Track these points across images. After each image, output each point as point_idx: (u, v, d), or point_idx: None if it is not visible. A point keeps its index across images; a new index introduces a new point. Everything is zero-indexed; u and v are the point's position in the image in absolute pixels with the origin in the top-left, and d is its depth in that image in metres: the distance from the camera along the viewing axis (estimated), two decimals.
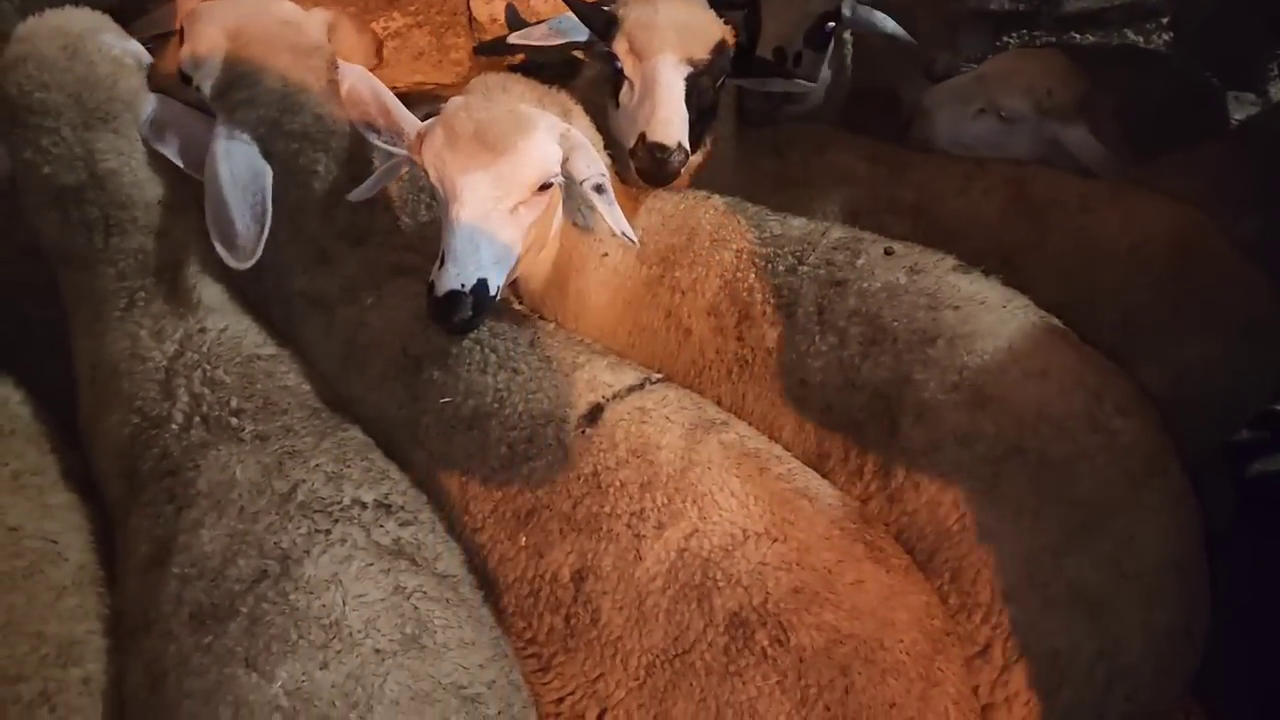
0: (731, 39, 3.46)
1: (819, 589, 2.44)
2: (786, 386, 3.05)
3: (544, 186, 2.76)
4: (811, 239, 3.20)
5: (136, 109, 2.91)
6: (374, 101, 3.07)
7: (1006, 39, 6.62)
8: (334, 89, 3.03)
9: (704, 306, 3.18)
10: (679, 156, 3.17)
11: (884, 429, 2.89)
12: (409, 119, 3.04)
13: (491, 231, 2.66)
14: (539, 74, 3.17)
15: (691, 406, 2.84)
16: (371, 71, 3.26)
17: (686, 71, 3.31)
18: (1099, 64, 4.48)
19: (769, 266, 3.16)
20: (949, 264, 3.09)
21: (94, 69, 2.84)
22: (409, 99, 3.27)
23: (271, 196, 2.83)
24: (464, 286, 2.57)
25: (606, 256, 3.22)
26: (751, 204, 3.40)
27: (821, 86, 4.18)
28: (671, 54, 3.30)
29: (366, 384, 2.96)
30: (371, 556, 2.41)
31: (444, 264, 2.60)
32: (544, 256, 3.09)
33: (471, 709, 2.24)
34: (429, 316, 2.66)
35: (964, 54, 5.50)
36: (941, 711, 2.43)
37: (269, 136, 2.90)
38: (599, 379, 2.84)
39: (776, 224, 3.29)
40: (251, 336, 2.98)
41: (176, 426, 2.74)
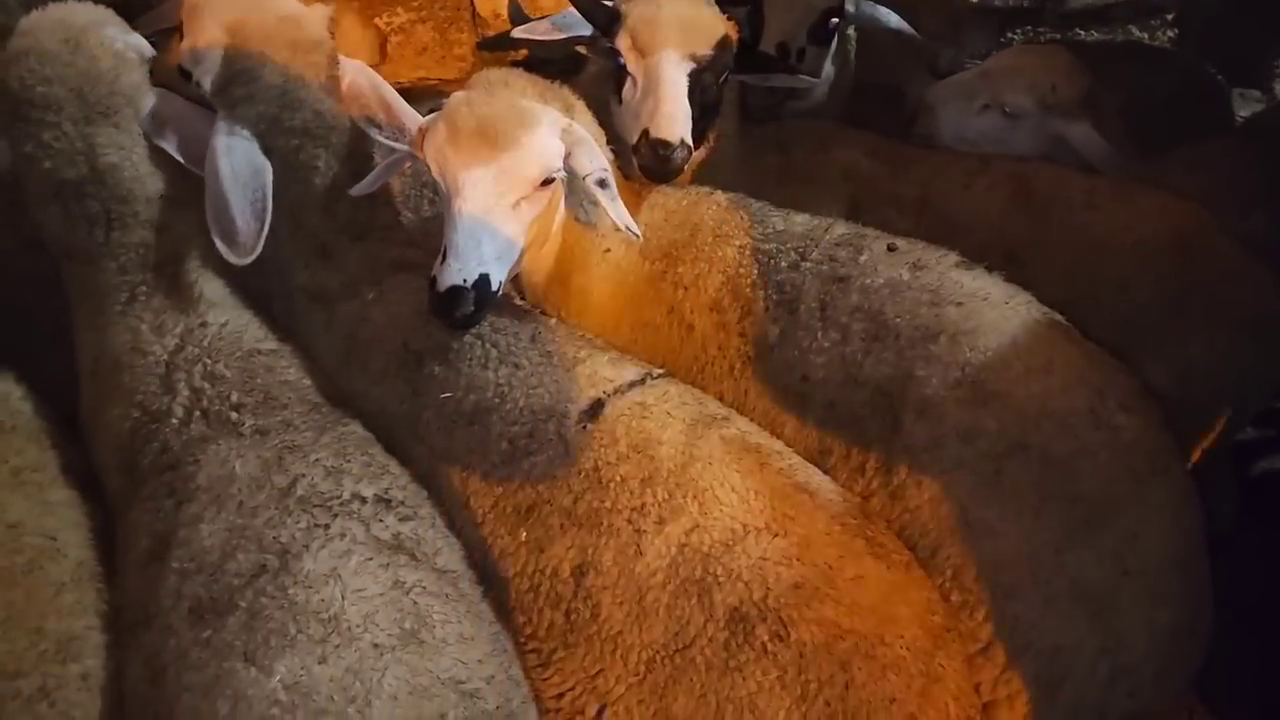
0: (734, 34, 3.46)
1: (819, 584, 2.44)
2: (788, 383, 3.04)
3: (546, 182, 2.76)
4: (814, 235, 3.20)
5: (138, 104, 2.91)
6: (374, 97, 3.06)
7: (1011, 35, 6.63)
8: (334, 84, 3.03)
9: (706, 302, 3.18)
10: (682, 153, 3.17)
11: (886, 425, 2.88)
12: (410, 114, 3.03)
13: (494, 227, 2.67)
14: (542, 69, 3.17)
15: (692, 402, 2.83)
16: (375, 67, 3.25)
17: (689, 67, 3.31)
18: (1103, 60, 4.48)
19: (772, 262, 3.15)
20: (952, 260, 3.09)
21: (96, 63, 2.83)
22: (412, 94, 3.27)
23: (272, 192, 2.84)
24: (466, 282, 2.58)
25: (609, 252, 3.21)
26: (754, 200, 3.40)
27: (825, 82, 4.19)
28: (674, 50, 3.29)
29: (368, 379, 2.96)
30: (371, 551, 2.42)
31: (446, 259, 2.61)
32: (546, 252, 3.09)
33: (470, 704, 2.24)
34: (431, 311, 2.66)
35: (968, 50, 5.49)
36: (942, 707, 2.42)
37: (269, 133, 2.90)
38: (600, 374, 2.83)
39: (779, 220, 3.29)
40: (252, 331, 2.97)
41: (177, 421, 2.74)
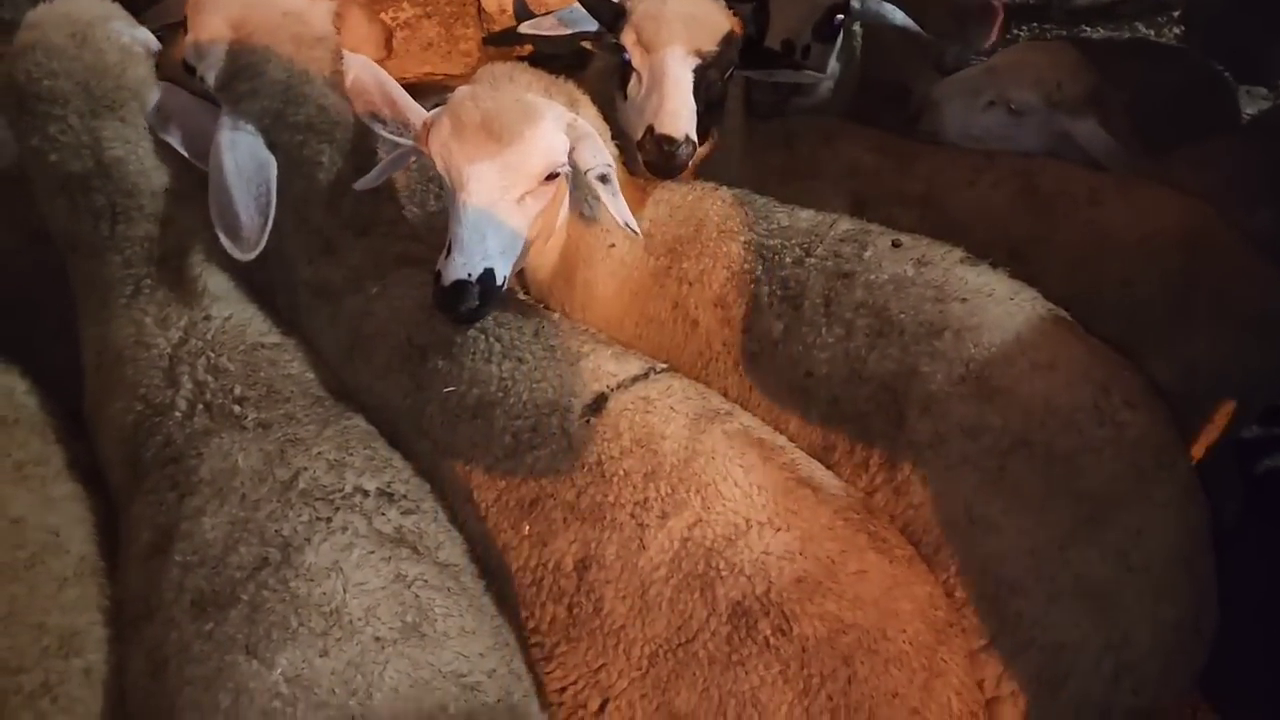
0: (739, 30, 3.46)
1: (822, 579, 2.44)
2: (793, 378, 3.04)
3: (551, 176, 2.76)
4: (819, 231, 3.19)
5: (144, 97, 2.91)
6: (378, 92, 3.05)
7: (1017, 32, 6.61)
8: (338, 79, 3.02)
9: (711, 298, 3.18)
10: (686, 149, 3.18)
11: (890, 421, 2.88)
12: (414, 109, 3.03)
13: (498, 221, 2.67)
14: (547, 65, 3.17)
15: (696, 396, 2.83)
16: (381, 62, 3.25)
17: (694, 64, 3.31)
18: (1109, 57, 4.48)
19: (776, 258, 3.15)
20: (957, 256, 3.08)
21: (102, 57, 2.84)
22: (417, 90, 3.26)
23: (276, 187, 2.83)
24: (470, 276, 2.58)
25: (613, 247, 3.21)
26: (759, 196, 3.40)
27: (830, 79, 4.18)
28: (679, 46, 3.29)
29: (371, 373, 2.96)
30: (373, 544, 2.42)
31: (450, 253, 2.62)
32: (551, 247, 3.10)
33: (471, 697, 2.24)
34: (436, 306, 2.67)
35: (974, 46, 5.48)
36: (944, 702, 2.42)
37: (273, 128, 2.90)
38: (603, 368, 2.83)
39: (784, 216, 3.28)
40: (256, 325, 2.98)
41: (180, 414, 2.75)
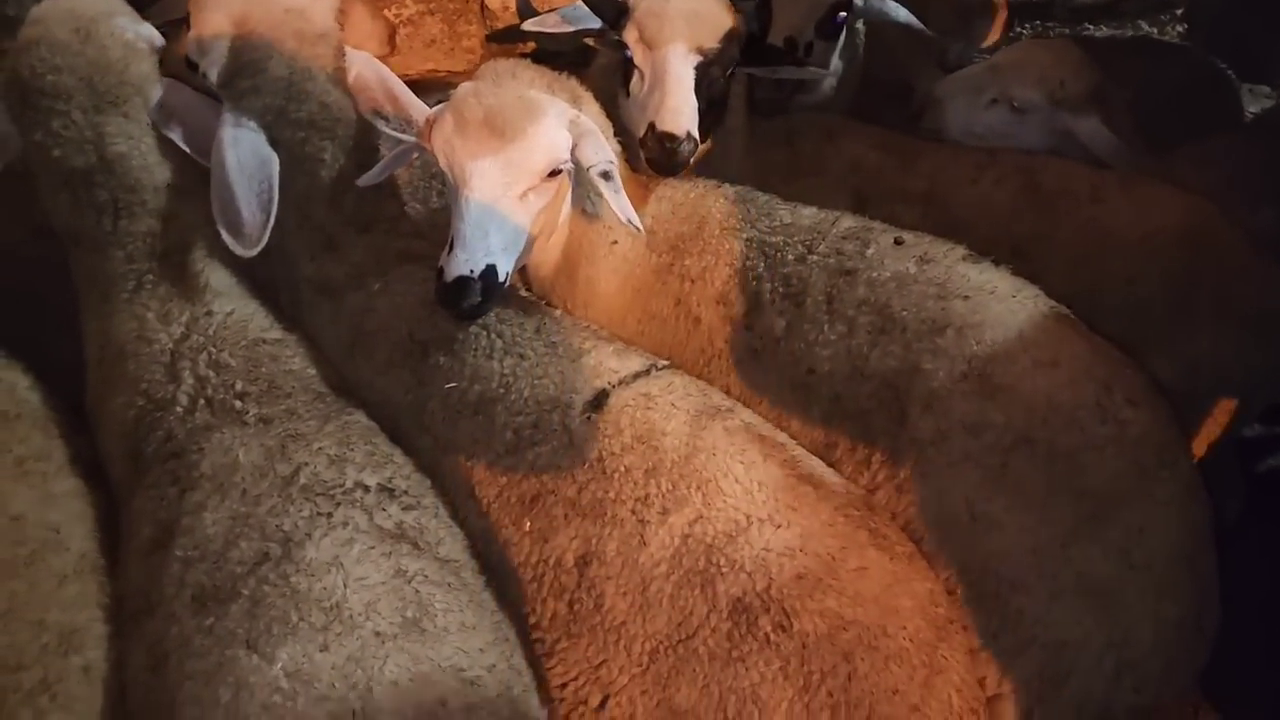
0: (742, 27, 3.45)
1: (822, 575, 2.44)
2: (795, 376, 3.04)
3: (553, 173, 2.76)
4: (821, 228, 3.19)
5: (147, 93, 2.91)
6: (381, 88, 3.05)
7: (1020, 29, 6.59)
8: (341, 76, 3.02)
9: (713, 295, 3.18)
10: (688, 146, 3.17)
11: (892, 418, 2.88)
12: (416, 105, 3.03)
13: (501, 217, 2.67)
14: (550, 62, 3.16)
15: (697, 393, 2.83)
16: (384, 59, 3.25)
17: (696, 61, 3.30)
18: (1112, 55, 4.48)
19: (778, 255, 3.15)
20: (959, 253, 3.08)
21: (106, 53, 2.84)
22: (420, 86, 3.27)
23: (278, 184, 2.83)
24: (473, 272, 2.59)
25: (616, 244, 3.22)
26: (762, 193, 3.39)
27: (833, 76, 4.18)
28: (681, 44, 3.29)
29: (373, 369, 2.96)
30: (373, 540, 2.42)
31: (453, 249, 2.62)
32: (553, 243, 3.10)
33: (471, 691, 2.24)
34: (438, 302, 2.67)
35: (977, 44, 5.48)
36: (944, 699, 2.42)
37: (275, 124, 2.89)
38: (605, 365, 2.83)
39: (786, 213, 3.28)
40: (257, 320, 2.98)
41: (181, 409, 2.75)
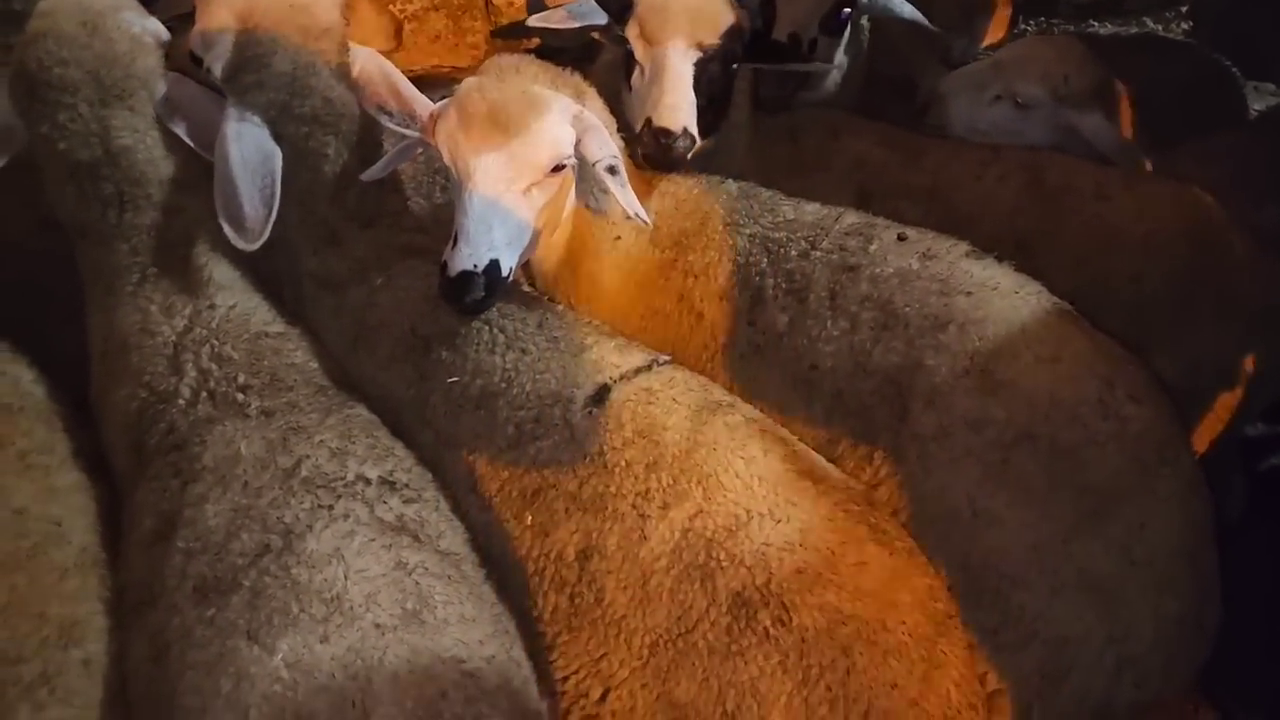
0: (745, 23, 3.45)
1: (822, 570, 2.43)
2: (797, 371, 3.04)
3: (557, 168, 2.76)
4: (825, 224, 3.20)
5: (153, 87, 2.92)
6: (384, 84, 3.05)
7: (1025, 26, 6.58)
8: (345, 71, 3.02)
9: (716, 290, 3.18)
10: (684, 142, 3.17)
11: (894, 414, 2.88)
12: (420, 100, 3.03)
13: (504, 212, 2.67)
14: (555, 58, 3.16)
15: (698, 388, 2.83)
16: (390, 54, 3.25)
17: (696, 57, 3.30)
18: (1117, 52, 4.47)
19: (782, 251, 3.15)
20: (962, 250, 3.08)
21: (113, 46, 2.85)
22: (425, 82, 3.27)
23: (281, 179, 2.84)
24: (476, 267, 2.59)
25: (619, 240, 3.22)
26: (765, 189, 3.40)
27: (838, 72, 4.17)
28: (681, 39, 3.29)
29: (376, 364, 2.97)
30: (374, 532, 2.43)
31: (457, 244, 2.62)
32: (556, 239, 3.10)
33: (470, 683, 2.24)
34: (441, 296, 2.67)
35: (978, 40, 5.47)
36: (943, 693, 2.41)
37: (279, 119, 2.90)
38: (606, 360, 2.83)
39: (790, 209, 3.29)
40: (260, 314, 2.99)
41: (183, 401, 2.76)
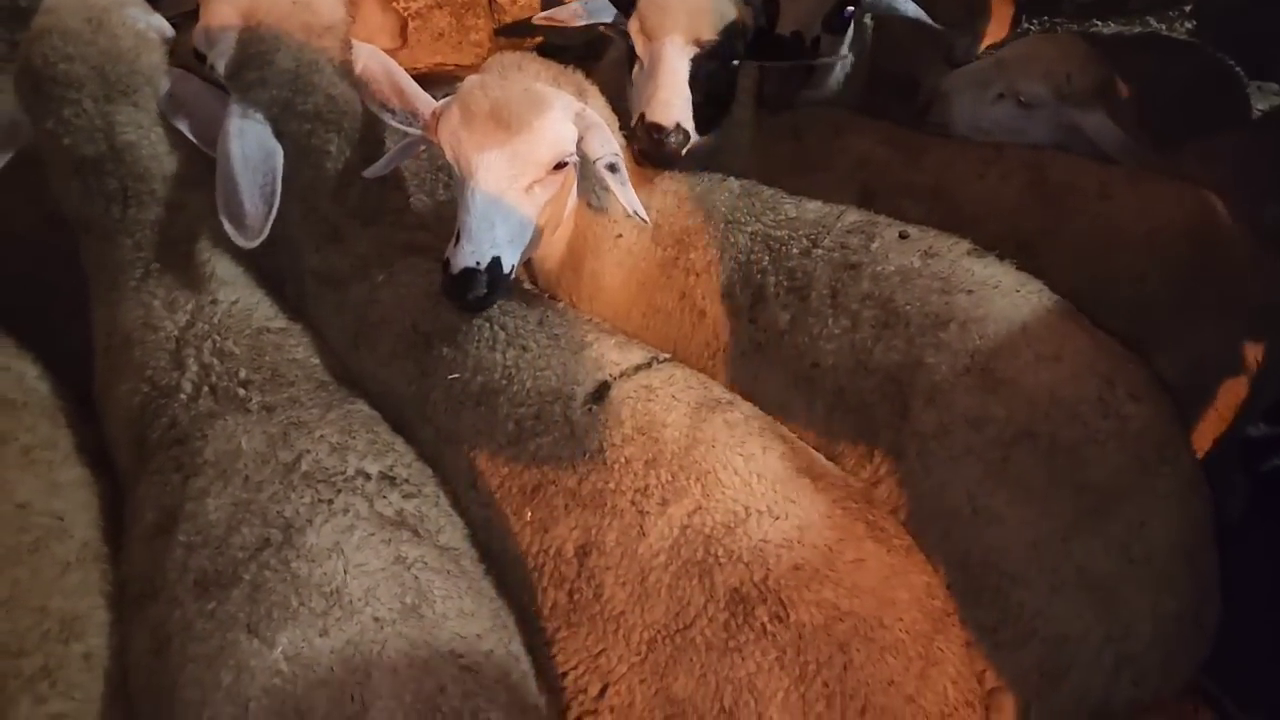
0: (748, 20, 3.45)
1: (819, 566, 2.44)
2: (798, 369, 3.04)
3: (559, 166, 2.78)
4: (826, 222, 3.20)
5: (157, 83, 2.93)
6: (387, 81, 3.05)
7: (1028, 25, 6.56)
8: (348, 69, 3.03)
9: (718, 288, 3.19)
10: (678, 138, 3.18)
11: (895, 412, 2.88)
12: (422, 98, 3.03)
13: (506, 210, 2.68)
14: (558, 57, 3.17)
15: (698, 386, 2.83)
16: (394, 51, 3.26)
17: (693, 53, 3.30)
18: (1120, 51, 4.46)
19: (783, 249, 3.15)
20: (964, 248, 3.08)
21: (117, 42, 2.86)
22: (428, 80, 3.28)
23: (283, 176, 2.84)
24: (479, 264, 2.60)
25: (621, 238, 3.22)
26: (767, 187, 3.40)
27: (841, 70, 4.17)
28: (679, 35, 3.29)
29: (376, 360, 2.98)
30: (374, 527, 2.44)
31: (459, 241, 2.63)
32: (558, 237, 3.11)
33: (469, 677, 2.24)
34: (443, 293, 2.69)
35: (979, 38, 5.45)
36: (940, 690, 2.42)
37: (281, 116, 2.91)
38: (607, 357, 2.83)
39: (792, 207, 3.29)
40: (262, 310, 3.00)
41: (185, 396, 2.77)
